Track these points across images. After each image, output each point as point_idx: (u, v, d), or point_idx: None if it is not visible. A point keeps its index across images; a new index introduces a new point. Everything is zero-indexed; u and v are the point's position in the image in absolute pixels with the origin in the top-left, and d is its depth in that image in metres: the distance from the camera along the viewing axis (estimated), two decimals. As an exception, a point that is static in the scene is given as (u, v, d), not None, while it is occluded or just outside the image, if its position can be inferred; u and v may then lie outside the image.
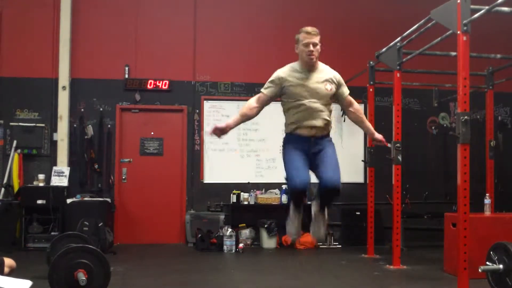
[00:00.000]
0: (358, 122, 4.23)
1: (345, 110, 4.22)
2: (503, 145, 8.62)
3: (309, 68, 3.95)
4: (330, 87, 3.96)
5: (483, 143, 7.38)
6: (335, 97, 4.08)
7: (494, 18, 5.86)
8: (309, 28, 3.91)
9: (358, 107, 4.19)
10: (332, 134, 4.34)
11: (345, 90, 4.11)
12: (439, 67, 7.40)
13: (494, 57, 6.64)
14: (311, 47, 3.86)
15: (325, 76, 3.98)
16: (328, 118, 3.99)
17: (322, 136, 3.98)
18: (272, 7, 8.59)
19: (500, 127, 8.74)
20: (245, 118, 4.02)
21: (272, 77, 4.02)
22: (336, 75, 4.05)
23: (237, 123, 3.96)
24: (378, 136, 4.18)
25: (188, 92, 8.32)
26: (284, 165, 4.00)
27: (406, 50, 6.26)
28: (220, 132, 3.86)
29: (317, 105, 3.92)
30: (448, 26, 4.79)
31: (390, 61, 6.32)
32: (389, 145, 4.27)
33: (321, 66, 4.03)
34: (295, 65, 4.02)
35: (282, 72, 4.00)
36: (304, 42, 3.87)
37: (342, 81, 4.10)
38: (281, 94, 4.03)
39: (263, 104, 4.05)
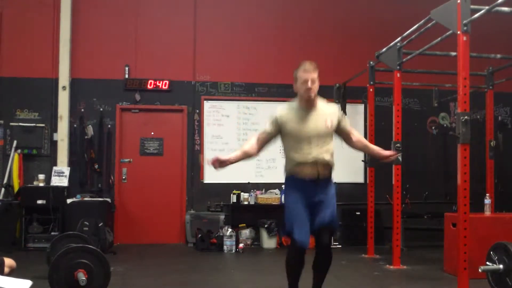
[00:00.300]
0: (362, 148, 4.21)
1: (348, 142, 4.14)
2: (503, 145, 8.62)
3: (308, 105, 3.90)
4: (330, 124, 3.91)
5: (483, 143, 7.39)
6: (337, 132, 4.03)
7: (494, 18, 5.87)
8: (306, 65, 3.85)
9: (358, 135, 4.17)
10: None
11: (346, 125, 4.05)
12: (439, 67, 7.40)
13: (494, 57, 6.64)
14: (309, 84, 3.80)
15: (325, 111, 3.94)
16: (330, 160, 3.91)
17: (324, 178, 3.90)
18: (272, 7, 8.59)
19: (500, 127, 8.74)
20: (246, 156, 3.98)
21: (271, 116, 3.98)
22: (336, 109, 4.02)
23: (238, 160, 3.94)
24: (387, 153, 4.15)
25: (188, 92, 8.32)
26: (286, 210, 3.94)
27: (406, 50, 6.26)
28: (219, 164, 3.85)
29: (318, 144, 3.86)
30: (448, 26, 4.79)
31: (390, 61, 6.32)
32: (399, 154, 4.27)
33: (320, 102, 3.97)
34: (294, 104, 3.98)
35: (280, 110, 3.96)
36: (302, 79, 3.82)
37: (342, 116, 4.05)
38: (280, 133, 3.97)
39: (262, 143, 4.00)
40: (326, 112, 3.94)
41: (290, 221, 3.83)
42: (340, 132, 4.04)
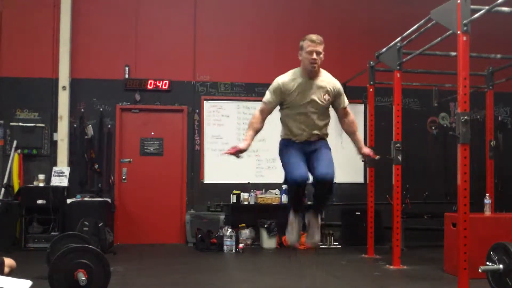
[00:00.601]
0: (349, 133, 4.23)
1: (340, 120, 4.20)
2: (503, 145, 8.62)
3: (310, 75, 3.96)
4: (327, 98, 3.97)
5: (483, 143, 7.38)
6: (333, 107, 4.09)
7: (494, 18, 5.86)
8: (313, 36, 3.96)
9: (352, 119, 4.18)
10: (332, 134, 4.35)
11: (342, 102, 4.09)
12: (439, 67, 7.40)
13: (494, 57, 6.63)
14: (315, 55, 3.89)
15: (324, 85, 3.98)
16: (324, 132, 4.03)
17: (317, 139, 4.02)
18: (272, 7, 8.59)
19: (500, 127, 8.74)
20: (257, 131, 4.04)
21: (272, 85, 4.02)
22: (336, 85, 4.05)
23: (253, 138, 3.99)
24: (366, 150, 4.16)
25: (188, 92, 8.32)
26: (283, 165, 4.03)
27: (406, 50, 6.26)
28: (241, 152, 3.86)
29: (314, 116, 3.95)
30: (448, 26, 4.79)
31: (390, 61, 6.32)
32: (377, 157, 4.28)
33: (323, 74, 4.03)
34: (296, 71, 4.03)
35: (282, 79, 4.00)
36: (308, 50, 3.91)
37: (342, 91, 4.10)
38: (281, 101, 4.02)
39: (267, 114, 4.07)
40: (326, 85, 4.00)
41: (287, 165, 3.95)
42: (335, 108, 4.10)
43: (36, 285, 3.56)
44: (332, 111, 4.12)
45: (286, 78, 3.99)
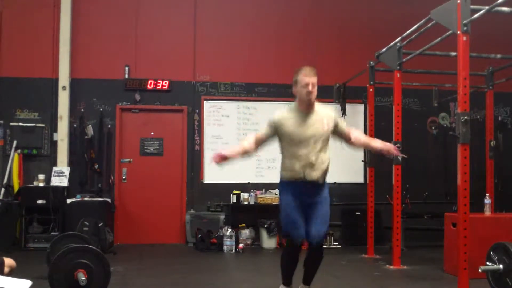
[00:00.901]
0: (364, 146, 4.29)
1: (347, 143, 4.21)
2: (503, 145, 8.62)
3: (307, 109, 3.99)
4: (327, 127, 4.00)
5: (483, 143, 7.38)
6: (335, 134, 4.11)
7: (494, 18, 5.86)
8: (307, 69, 3.95)
9: (357, 132, 4.23)
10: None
11: (343, 127, 4.13)
12: (439, 67, 7.40)
13: (494, 57, 6.63)
14: (310, 88, 3.90)
15: (322, 115, 4.02)
16: (325, 166, 4.01)
17: (318, 183, 4.01)
18: (272, 7, 8.59)
19: (500, 127, 8.74)
20: (246, 154, 4.05)
21: (270, 120, 4.06)
22: (332, 114, 4.10)
23: (239, 155, 4.00)
24: (385, 147, 4.16)
25: (188, 92, 8.32)
26: (281, 212, 4.08)
27: (406, 50, 6.26)
28: (222, 160, 3.89)
29: (315, 151, 3.95)
30: (448, 26, 4.79)
31: (390, 61, 6.32)
32: (402, 155, 4.33)
33: (317, 106, 4.06)
34: (292, 107, 4.07)
35: (279, 114, 4.05)
36: (303, 82, 3.92)
37: (338, 118, 4.13)
38: (278, 136, 4.05)
39: (260, 143, 4.09)
40: (324, 115, 4.03)
41: (286, 222, 4.02)
42: (339, 134, 4.12)
43: (36, 285, 3.56)
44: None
45: (282, 112, 4.05)
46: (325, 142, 4.01)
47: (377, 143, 4.24)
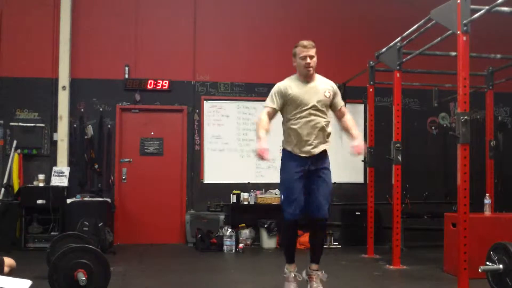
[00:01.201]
0: (345, 129, 4.39)
1: (338, 121, 4.40)
2: (503, 145, 8.62)
3: (307, 79, 4.19)
4: (328, 94, 4.21)
5: (483, 143, 7.38)
6: (330, 108, 4.29)
7: (494, 18, 5.86)
8: (305, 42, 4.15)
9: (350, 117, 4.36)
10: (333, 134, 4.36)
11: (339, 101, 4.32)
12: (439, 67, 7.40)
13: (494, 57, 6.63)
14: (308, 60, 4.12)
15: (322, 85, 4.24)
16: (328, 130, 4.19)
17: (320, 153, 4.18)
18: (272, 7, 8.59)
19: (500, 127, 8.74)
20: (267, 131, 4.21)
21: (273, 90, 4.25)
22: (333, 85, 4.31)
23: (265, 137, 4.17)
24: (355, 143, 4.19)
25: (188, 92, 8.32)
26: (281, 184, 4.27)
27: (406, 50, 6.26)
28: (267, 153, 4.03)
29: (317, 117, 4.12)
30: (448, 26, 4.79)
31: (390, 61, 6.32)
32: (361, 156, 4.46)
33: (318, 77, 4.28)
34: (293, 77, 4.27)
35: (282, 84, 4.25)
36: (301, 55, 4.13)
37: (338, 91, 4.34)
38: (283, 104, 4.20)
39: (272, 117, 4.26)
40: (324, 85, 4.25)
41: (285, 197, 4.21)
42: (333, 105, 4.30)
43: (36, 285, 3.56)
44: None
45: (285, 82, 4.25)
46: (326, 109, 4.20)
47: (356, 135, 4.26)
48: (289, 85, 4.21)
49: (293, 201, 4.13)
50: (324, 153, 4.23)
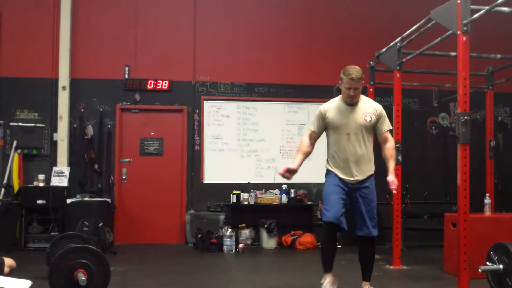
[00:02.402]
0: (385, 159, 4.38)
1: (380, 145, 4.33)
2: (503, 145, 8.62)
3: (349, 103, 4.18)
4: (369, 119, 4.15)
5: (483, 143, 7.38)
6: (374, 131, 4.25)
7: (494, 18, 5.86)
8: (353, 75, 4.05)
9: (392, 146, 4.29)
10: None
11: (385, 126, 4.23)
12: (439, 67, 7.40)
13: (494, 57, 6.63)
14: (352, 92, 4.08)
15: (366, 108, 4.17)
16: (367, 154, 4.23)
17: (363, 179, 4.29)
18: (272, 7, 8.59)
19: (500, 127, 8.73)
20: (306, 155, 4.26)
21: (317, 112, 4.27)
22: (378, 107, 4.23)
23: (302, 162, 4.20)
24: (389, 178, 4.26)
25: (188, 92, 8.32)
26: (323, 196, 4.29)
27: (406, 50, 6.26)
28: (291, 173, 4.07)
29: (356, 141, 4.13)
30: (448, 26, 4.78)
31: (390, 61, 6.31)
32: (394, 191, 4.42)
33: (363, 99, 4.23)
34: (338, 99, 4.27)
35: (323, 106, 4.26)
36: (346, 86, 4.09)
37: (384, 114, 4.24)
38: (325, 126, 4.22)
39: (315, 139, 4.29)
40: (368, 108, 4.18)
41: (325, 202, 4.19)
42: (377, 132, 4.25)
43: (36, 285, 3.56)
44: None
45: (328, 104, 4.27)
46: (367, 134, 4.17)
47: (390, 169, 4.28)
48: (330, 107, 4.23)
49: (332, 204, 4.13)
50: (366, 180, 4.31)
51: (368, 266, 4.37)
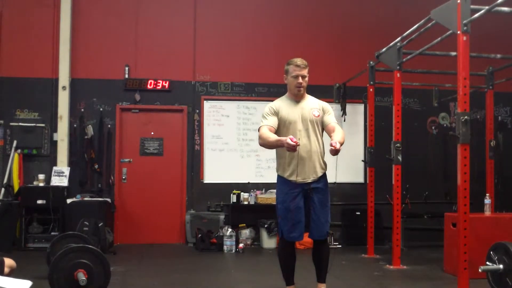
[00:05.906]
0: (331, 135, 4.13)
1: (329, 135, 4.07)
2: (503, 145, 8.62)
3: (297, 99, 4.13)
4: (317, 113, 4.11)
5: (483, 143, 7.38)
6: (323, 125, 4.16)
7: (494, 18, 5.87)
8: (298, 61, 4.07)
9: (340, 129, 4.06)
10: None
11: (332, 118, 4.14)
12: (439, 67, 7.40)
13: (494, 57, 6.64)
14: (300, 79, 4.05)
15: (312, 104, 4.15)
16: (318, 150, 4.07)
17: (316, 179, 4.07)
18: (272, 7, 8.59)
19: (500, 127, 8.74)
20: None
21: (266, 109, 4.13)
22: (323, 103, 4.21)
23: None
24: (333, 142, 3.81)
25: (188, 92, 8.32)
26: (277, 208, 4.13)
27: (406, 50, 6.26)
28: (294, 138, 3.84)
29: (306, 136, 4.01)
30: (448, 26, 4.79)
31: (390, 61, 6.32)
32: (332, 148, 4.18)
33: (308, 97, 4.21)
34: (283, 97, 4.22)
35: (274, 103, 4.16)
36: (293, 74, 4.07)
37: (330, 108, 4.20)
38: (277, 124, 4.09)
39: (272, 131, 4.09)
40: (314, 104, 4.16)
41: (282, 219, 4.08)
42: (325, 125, 4.16)
43: (36, 285, 3.56)
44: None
45: (276, 101, 4.18)
46: (316, 129, 4.09)
47: (334, 138, 3.93)
48: (279, 104, 4.12)
49: (292, 224, 4.02)
50: (320, 179, 4.08)
51: (324, 268, 4.23)
